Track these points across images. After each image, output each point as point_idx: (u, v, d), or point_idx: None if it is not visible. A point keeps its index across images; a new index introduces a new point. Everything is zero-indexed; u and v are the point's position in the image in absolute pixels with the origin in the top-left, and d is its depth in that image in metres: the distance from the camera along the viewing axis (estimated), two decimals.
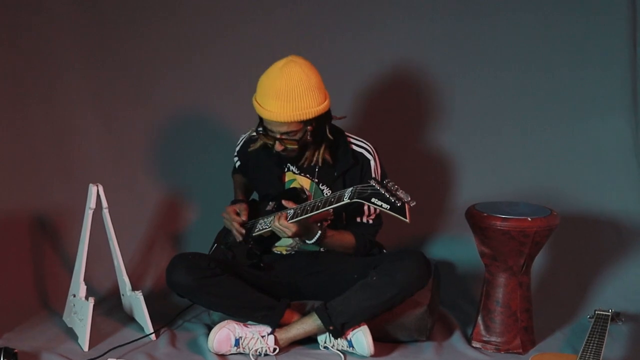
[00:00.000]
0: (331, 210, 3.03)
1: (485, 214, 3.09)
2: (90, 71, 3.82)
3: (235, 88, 3.80)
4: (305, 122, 2.99)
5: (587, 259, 3.71)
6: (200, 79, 3.86)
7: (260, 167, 3.24)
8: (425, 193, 3.68)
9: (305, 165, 3.16)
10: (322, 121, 3.03)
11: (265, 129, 3.05)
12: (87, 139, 3.83)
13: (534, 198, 3.37)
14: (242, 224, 3.18)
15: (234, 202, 3.31)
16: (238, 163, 3.38)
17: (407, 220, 2.71)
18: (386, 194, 2.73)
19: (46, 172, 3.76)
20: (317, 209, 2.91)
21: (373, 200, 2.75)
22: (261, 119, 3.04)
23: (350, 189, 2.85)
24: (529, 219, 3.04)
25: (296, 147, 3.04)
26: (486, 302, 3.19)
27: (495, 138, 3.83)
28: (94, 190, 3.14)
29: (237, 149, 3.36)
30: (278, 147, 3.04)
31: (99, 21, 3.82)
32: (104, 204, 3.18)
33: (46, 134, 3.78)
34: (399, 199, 2.71)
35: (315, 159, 3.12)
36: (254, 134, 3.14)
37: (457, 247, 3.75)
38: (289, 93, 2.93)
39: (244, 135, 3.33)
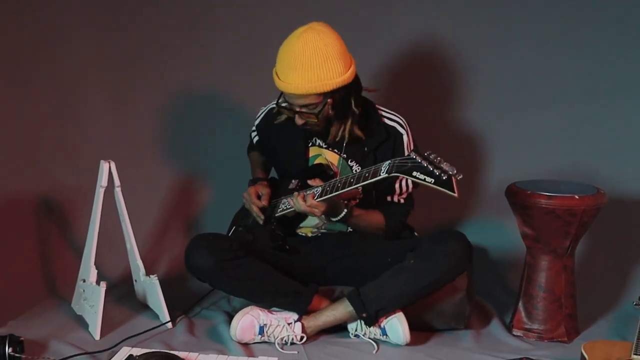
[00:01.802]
0: (360, 188, 2.83)
1: (528, 192, 2.89)
2: (99, 46, 3.66)
3: (251, 63, 3.65)
4: (325, 95, 2.77)
5: (627, 242, 3.51)
6: (215, 54, 3.69)
7: (283, 141, 3.02)
8: None
9: (333, 141, 2.94)
10: (345, 93, 2.80)
11: (285, 101, 2.84)
12: (95, 117, 3.66)
13: (571, 179, 3.17)
14: (263, 209, 2.96)
15: (254, 181, 3.11)
16: (256, 138, 3.18)
17: (456, 195, 2.48)
18: (429, 166, 2.50)
19: (52, 152, 3.59)
20: (349, 186, 2.68)
21: (415, 174, 2.51)
22: (281, 91, 2.84)
23: (388, 162, 2.62)
24: (577, 197, 2.84)
25: (316, 121, 2.82)
26: (527, 287, 3.00)
27: (529, 116, 3.62)
28: (106, 167, 2.95)
29: (257, 122, 3.15)
30: (298, 121, 2.83)
31: None
32: (117, 181, 2.98)
33: (52, 111, 3.61)
34: (444, 171, 2.48)
35: (341, 134, 2.90)
36: (275, 105, 2.96)
37: (489, 232, 3.57)
38: (304, 63, 2.71)
39: (263, 108, 3.13)
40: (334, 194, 2.73)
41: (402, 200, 3.00)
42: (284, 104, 2.86)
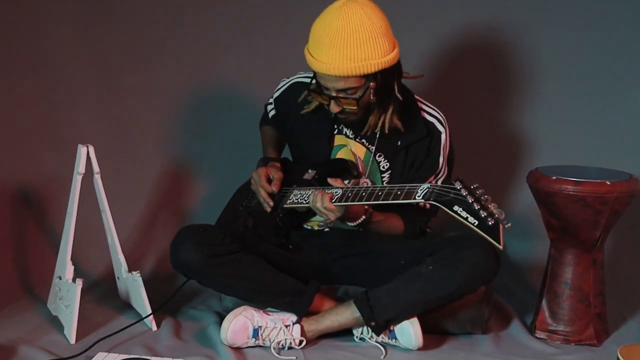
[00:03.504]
0: None
1: (554, 177, 2.61)
2: (86, 25, 3.43)
3: (251, 43, 3.45)
4: (367, 77, 2.48)
5: None
6: (212, 33, 3.47)
7: (305, 124, 2.73)
8: (468, 164, 3.19)
9: (368, 133, 2.65)
10: (388, 77, 2.52)
11: (319, 85, 2.54)
12: (80, 100, 3.44)
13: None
14: (272, 194, 2.68)
15: (265, 161, 2.83)
16: (273, 112, 2.90)
17: (500, 247, 2.17)
18: (475, 204, 2.18)
19: (31, 137, 3.36)
20: (375, 200, 2.38)
21: (456, 209, 2.19)
22: (315, 73, 2.54)
23: (426, 186, 2.31)
24: (608, 183, 2.57)
25: (355, 108, 2.52)
26: (552, 284, 2.73)
27: (558, 106, 3.42)
28: (84, 152, 2.69)
29: (276, 95, 2.86)
30: (334, 108, 2.54)
31: None
32: (95, 168, 2.73)
33: (33, 94, 3.38)
34: (491, 215, 2.16)
35: (380, 125, 2.60)
36: (303, 79, 2.69)
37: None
38: (347, 39, 2.42)
39: (286, 80, 2.84)
40: (355, 203, 2.44)
41: (427, 206, 2.70)
42: (317, 88, 2.56)
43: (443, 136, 2.65)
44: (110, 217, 2.78)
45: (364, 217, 2.57)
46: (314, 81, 2.57)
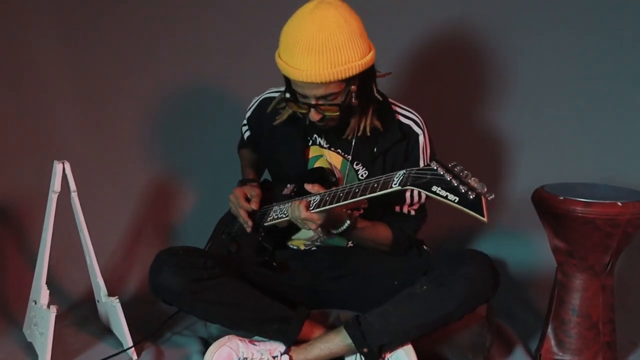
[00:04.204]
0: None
1: (561, 198, 2.47)
2: (67, 38, 3.33)
3: (240, 53, 3.36)
4: (348, 81, 2.35)
5: None
6: (198, 43, 3.38)
7: (278, 139, 2.61)
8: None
9: (350, 137, 2.53)
10: (367, 78, 2.41)
11: (294, 94, 2.41)
12: (59, 113, 3.33)
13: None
14: (252, 214, 2.57)
15: (243, 182, 2.72)
16: (248, 133, 2.79)
17: (485, 220, 2.03)
18: (453, 181, 2.05)
19: (8, 152, 3.24)
20: (353, 197, 2.25)
21: (434, 189, 2.07)
22: (288, 82, 2.41)
23: (402, 172, 2.18)
24: (619, 204, 2.41)
25: (337, 114, 2.40)
26: (558, 310, 2.59)
27: (556, 117, 3.31)
28: (59, 169, 2.55)
29: (248, 114, 2.76)
30: (314, 116, 2.41)
31: None
32: (72, 186, 2.59)
33: (10, 107, 3.26)
34: (472, 189, 2.03)
35: (362, 128, 2.49)
36: (274, 94, 2.58)
37: (511, 243, 3.25)
38: (325, 44, 2.30)
39: (256, 98, 2.74)
40: (334, 205, 2.31)
41: (412, 212, 2.59)
42: (293, 97, 2.43)
43: (421, 138, 2.54)
44: (89, 237, 2.65)
45: (348, 222, 2.44)
46: (287, 92, 2.45)
